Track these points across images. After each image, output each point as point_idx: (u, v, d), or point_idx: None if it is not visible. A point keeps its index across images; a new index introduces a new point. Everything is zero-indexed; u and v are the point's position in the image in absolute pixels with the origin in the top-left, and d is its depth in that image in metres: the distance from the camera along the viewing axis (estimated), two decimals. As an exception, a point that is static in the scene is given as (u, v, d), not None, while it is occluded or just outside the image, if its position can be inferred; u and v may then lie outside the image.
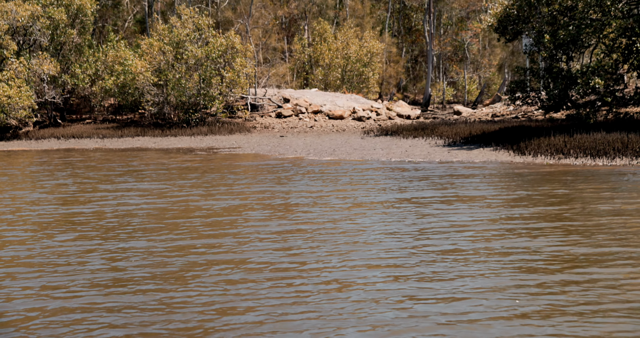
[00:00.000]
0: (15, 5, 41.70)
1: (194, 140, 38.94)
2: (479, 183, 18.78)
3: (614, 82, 27.52)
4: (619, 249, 10.86)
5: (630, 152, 23.67)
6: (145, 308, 8.40)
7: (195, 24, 44.64)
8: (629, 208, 14.43)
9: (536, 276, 9.49)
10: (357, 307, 8.31)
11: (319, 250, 11.18)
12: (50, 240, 12.31)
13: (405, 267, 10.08)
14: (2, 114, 40.07)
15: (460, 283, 9.22)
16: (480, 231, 12.46)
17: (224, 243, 11.80)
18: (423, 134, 35.15)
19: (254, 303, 8.51)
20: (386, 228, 12.96)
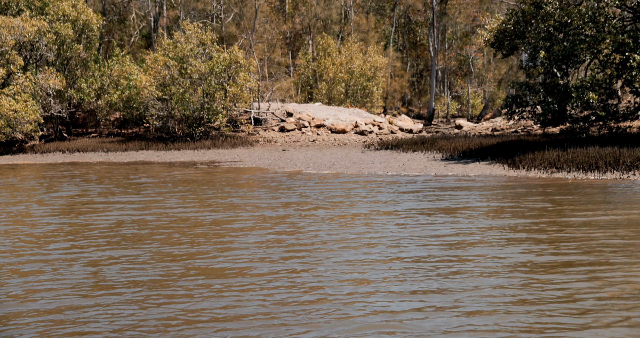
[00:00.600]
0: (22, 21, 42.46)
1: (197, 154, 39.51)
2: (466, 196, 19.25)
3: (607, 97, 27.97)
4: (576, 258, 11.34)
5: (621, 166, 24.09)
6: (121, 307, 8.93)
7: (199, 39, 45.33)
8: (603, 219, 14.92)
9: (492, 279, 9.98)
10: (321, 308, 8.81)
11: (291, 261, 11.68)
12: (40, 248, 12.87)
13: (373, 278, 10.58)
14: (8, 128, 40.72)
15: (411, 285, 9.72)
16: (452, 241, 12.95)
17: (205, 251, 12.32)
18: (422, 148, 35.64)
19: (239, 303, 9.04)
20: (363, 237, 13.45)
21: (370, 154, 35.27)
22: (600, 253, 11.78)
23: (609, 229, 13.87)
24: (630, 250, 12.01)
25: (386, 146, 38.46)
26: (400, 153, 35.28)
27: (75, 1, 46.64)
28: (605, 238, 12.99)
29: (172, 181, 25.31)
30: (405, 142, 38.38)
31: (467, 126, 49.08)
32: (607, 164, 24.41)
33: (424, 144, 36.55)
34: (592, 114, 28.43)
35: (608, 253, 11.72)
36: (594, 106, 27.63)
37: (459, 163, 29.36)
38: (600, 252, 11.82)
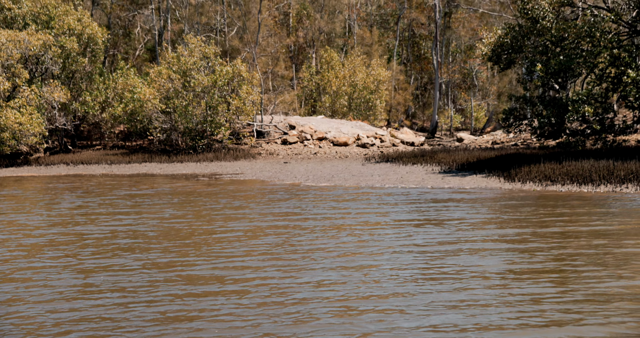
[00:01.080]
0: (27, 35, 43.09)
1: (199, 166, 39.98)
2: (456, 208, 19.69)
3: (603, 111, 28.37)
4: (541, 266, 11.76)
5: (615, 179, 24.45)
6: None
7: (202, 53, 45.91)
8: (581, 229, 15.36)
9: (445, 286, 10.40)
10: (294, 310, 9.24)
11: (269, 269, 12.11)
12: (33, 257, 13.34)
13: (348, 287, 11.01)
14: (13, 140, 41.28)
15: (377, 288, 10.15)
16: (432, 251, 13.40)
17: (188, 260, 12.76)
18: (422, 161, 36.05)
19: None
20: (344, 247, 13.88)
21: (370, 167, 35.68)
22: (567, 261, 12.21)
23: (583, 239, 14.34)
24: (594, 258, 12.46)
25: (386, 159, 38.87)
26: (399, 166, 35.70)
27: (80, 15, 47.29)
28: (576, 247, 13.46)
29: (171, 193, 25.77)
30: (406, 155, 38.79)
31: (468, 139, 49.51)
32: (601, 178, 24.78)
33: (424, 157, 36.95)
34: (587, 127, 28.80)
35: (575, 262, 12.16)
36: (590, 120, 28.02)
37: (456, 175, 29.77)
38: (567, 260, 12.25)
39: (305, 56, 65.88)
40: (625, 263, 12.16)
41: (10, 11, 46.40)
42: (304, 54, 66.06)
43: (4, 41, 41.97)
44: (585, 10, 29.64)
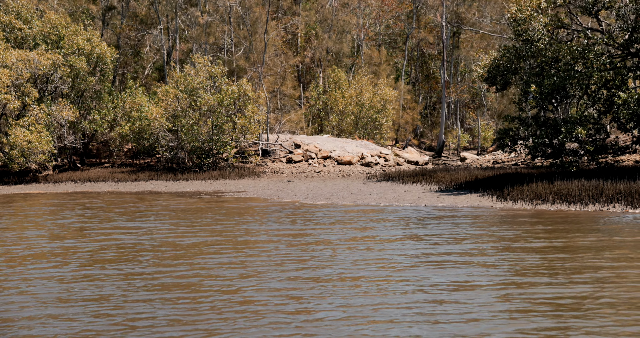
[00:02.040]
0: (37, 55, 44.29)
1: (204, 184, 40.87)
2: (440, 225, 20.53)
3: (595, 132, 29.11)
4: (491, 279, 12.59)
5: (603, 198, 25.17)
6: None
7: (209, 72, 46.97)
8: (547, 245, 16.21)
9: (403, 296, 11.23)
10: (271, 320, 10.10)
11: (241, 279, 13.00)
12: (24, 267, 14.30)
13: (302, 294, 11.87)
14: (22, 158, 42.35)
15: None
16: (394, 262, 14.31)
17: (170, 270, 13.68)
18: (422, 180, 36.80)
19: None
20: (317, 259, 14.76)
21: (371, 186, 36.47)
22: (525, 274, 13.06)
23: (549, 254, 15.40)
24: (550, 270, 13.44)
25: (387, 178, 39.65)
26: (399, 185, 36.47)
27: (90, 35, 48.49)
28: (538, 260, 14.53)
29: (171, 209, 26.69)
30: (407, 174, 39.56)
31: (471, 158, 50.27)
32: (590, 197, 25.50)
33: (424, 176, 37.71)
34: (580, 148, 29.54)
35: (529, 274, 13.03)
36: (583, 141, 28.76)
37: (452, 194, 30.53)
38: (526, 273, 13.10)
39: (313, 75, 66.92)
40: (569, 273, 13.01)
41: (21, 31, 47.67)
42: (312, 73, 67.12)
43: (14, 61, 43.16)
44: (580, 32, 30.45)
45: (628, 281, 12.79)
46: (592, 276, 13.17)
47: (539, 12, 29.67)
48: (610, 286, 12.34)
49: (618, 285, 12.41)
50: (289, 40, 65.27)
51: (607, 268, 13.87)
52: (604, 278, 13.00)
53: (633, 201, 24.51)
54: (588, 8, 29.14)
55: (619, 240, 17.27)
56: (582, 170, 31.50)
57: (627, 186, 25.75)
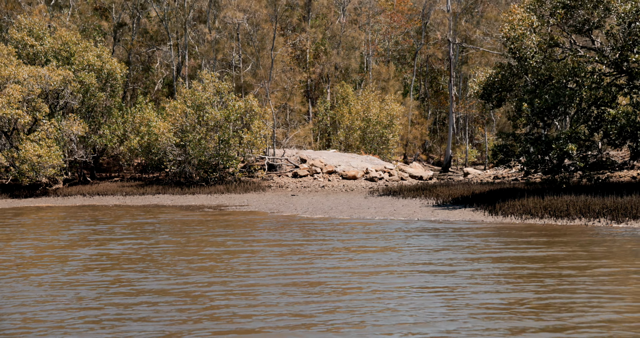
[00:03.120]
0: (48, 71, 45.64)
1: (209, 198, 41.96)
2: (421, 237, 21.67)
3: (586, 149, 29.99)
4: (438, 285, 13.61)
5: (590, 213, 26.05)
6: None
7: (216, 88, 48.17)
8: (522, 255, 17.23)
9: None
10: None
11: (211, 286, 14.06)
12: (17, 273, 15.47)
13: (270, 302, 12.93)
14: (32, 172, 43.61)
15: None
16: (360, 272, 15.32)
17: (148, 276, 14.78)
18: (421, 195, 37.73)
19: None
20: (290, 268, 15.83)
21: (371, 200, 37.42)
22: (484, 280, 14.10)
23: (510, 263, 16.71)
24: (499, 278, 14.48)
25: (388, 193, 40.57)
26: (399, 199, 37.41)
27: (100, 51, 49.83)
28: (493, 268, 15.62)
29: (170, 222, 27.82)
30: (408, 189, 40.48)
31: (473, 173, 51.17)
32: (577, 212, 26.37)
33: (424, 190, 38.64)
34: (571, 164, 30.42)
35: (477, 280, 14.06)
36: (574, 157, 29.64)
37: (447, 209, 31.46)
38: (482, 280, 14.14)
39: (321, 91, 68.08)
40: (517, 280, 14.04)
41: (32, 48, 49.08)
42: (321, 88, 68.27)
43: (25, 77, 44.54)
44: (572, 51, 31.38)
45: (572, 288, 13.76)
46: (538, 283, 14.27)
47: (532, 30, 30.62)
48: (553, 292, 13.41)
49: (561, 291, 13.43)
50: (297, 56, 66.47)
51: (555, 277, 15.06)
52: (548, 285, 14.22)
53: (618, 216, 25.38)
54: (578, 27, 30.10)
55: (582, 252, 18.29)
56: (576, 186, 32.35)
57: (614, 201, 26.61)
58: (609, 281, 14.51)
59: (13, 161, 43.89)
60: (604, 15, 29.52)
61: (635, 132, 28.53)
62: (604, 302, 12.68)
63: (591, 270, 15.88)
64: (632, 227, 23.99)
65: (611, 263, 16.76)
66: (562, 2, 29.87)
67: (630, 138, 28.92)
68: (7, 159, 43.85)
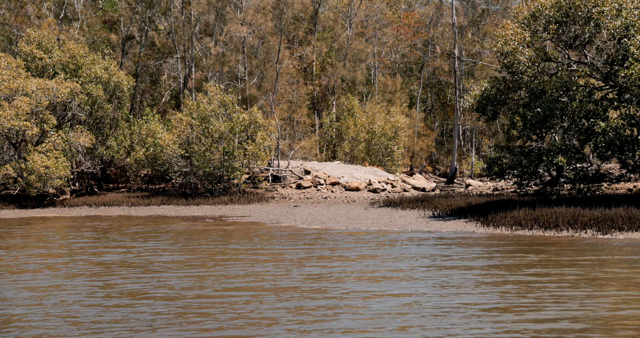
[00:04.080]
0: (56, 83, 46.77)
1: (213, 209, 42.90)
2: (402, 246, 22.58)
3: (576, 161, 30.76)
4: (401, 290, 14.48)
5: (578, 225, 26.81)
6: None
7: (221, 101, 49.18)
8: (485, 264, 18.08)
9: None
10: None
11: (188, 290, 14.99)
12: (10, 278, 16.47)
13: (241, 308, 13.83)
14: (39, 183, 44.64)
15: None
16: (338, 277, 16.20)
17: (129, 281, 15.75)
18: (420, 206, 38.51)
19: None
20: (266, 274, 16.73)
21: (371, 211, 38.25)
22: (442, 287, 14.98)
23: (477, 271, 17.80)
24: (462, 284, 15.43)
25: (389, 204, 41.34)
26: (397, 210, 38.20)
27: (107, 64, 50.95)
28: (461, 276, 16.58)
29: (168, 232, 28.82)
30: (408, 200, 41.23)
31: (475, 185, 51.94)
32: (566, 223, 27.13)
33: (423, 202, 39.42)
34: (561, 176, 31.19)
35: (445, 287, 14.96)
36: (564, 169, 30.41)
37: (442, 220, 32.27)
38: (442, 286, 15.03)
39: (328, 103, 69.01)
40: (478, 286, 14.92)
41: (41, 61, 50.25)
42: (327, 100, 69.21)
43: (34, 89, 45.69)
44: (565, 65, 32.18)
45: (526, 292, 14.64)
46: (496, 289, 15.21)
47: (524, 45, 31.46)
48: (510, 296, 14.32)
49: (517, 296, 14.32)
50: (304, 68, 67.46)
51: (515, 282, 16.16)
52: (506, 291, 15.31)
53: (604, 227, 26.12)
54: (570, 42, 30.92)
55: (555, 260, 19.21)
56: (569, 198, 33.06)
57: (602, 213, 27.35)
58: (559, 287, 15.54)
59: (21, 172, 44.97)
60: (594, 31, 30.30)
61: (623, 145, 29.30)
62: (548, 305, 13.72)
63: (549, 277, 16.91)
64: (616, 238, 24.76)
65: (570, 271, 17.74)
66: (555, 17, 30.70)
67: (619, 151, 29.69)
68: (15, 170, 44.93)
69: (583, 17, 29.97)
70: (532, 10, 31.56)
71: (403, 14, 79.61)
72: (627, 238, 24.70)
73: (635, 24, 29.03)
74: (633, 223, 26.10)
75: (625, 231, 25.84)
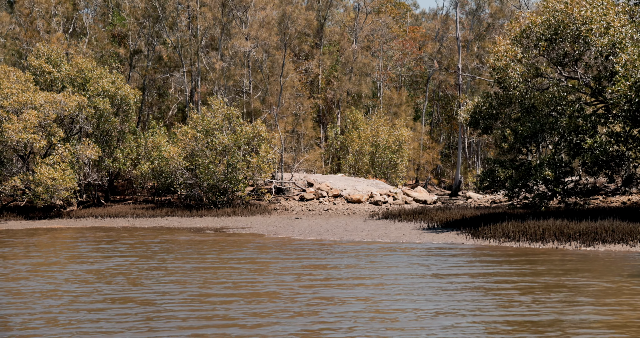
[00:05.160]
0: (63, 97, 48.07)
1: (215, 220, 44.00)
2: (385, 256, 23.77)
3: (563, 175, 31.70)
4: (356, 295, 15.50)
5: (563, 237, 27.76)
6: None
7: (224, 114, 50.36)
8: (456, 272, 19.12)
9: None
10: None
11: (166, 296, 16.09)
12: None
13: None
14: (46, 194, 45.89)
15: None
16: (307, 279, 17.23)
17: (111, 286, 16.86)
18: (417, 218, 39.44)
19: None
20: (254, 282, 17.81)
21: (369, 224, 39.23)
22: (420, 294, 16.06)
23: (442, 279, 18.87)
24: (418, 291, 16.29)
25: (387, 216, 42.29)
26: (394, 223, 39.18)
27: (115, 78, 52.26)
28: (455, 284, 17.37)
29: (164, 242, 29.98)
30: (407, 212, 42.18)
31: (475, 197, 52.89)
32: (551, 235, 28.07)
33: (421, 214, 40.34)
34: (547, 189, 32.14)
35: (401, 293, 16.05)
36: (551, 182, 31.36)
37: (434, 232, 33.23)
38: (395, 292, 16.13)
39: (333, 116, 70.15)
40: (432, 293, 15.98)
41: (50, 74, 51.60)
42: (332, 113, 70.35)
43: (42, 102, 46.99)
44: (556, 80, 33.15)
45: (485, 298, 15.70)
46: (452, 296, 16.21)
47: (516, 61, 32.47)
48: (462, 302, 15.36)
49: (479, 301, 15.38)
50: (310, 81, 68.66)
51: (474, 289, 17.31)
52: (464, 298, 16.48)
53: (587, 239, 27.07)
54: (559, 59, 31.92)
55: (527, 269, 20.24)
56: (560, 211, 33.97)
57: (588, 226, 28.30)
58: (509, 294, 16.77)
59: (28, 183, 46.22)
60: (583, 49, 31.27)
61: (610, 161, 30.25)
62: (488, 308, 14.67)
63: (515, 283, 18.00)
64: (597, 250, 25.72)
65: (539, 279, 18.81)
66: (545, 35, 31.70)
67: (605, 166, 30.64)
68: (23, 182, 46.20)
69: (572, 35, 30.96)
70: (523, 28, 32.58)
71: (409, 28, 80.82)
72: (608, 250, 25.65)
73: (622, 41, 30.02)
74: (616, 236, 27.02)
75: (607, 243, 26.76)
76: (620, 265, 22.02)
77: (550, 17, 31.39)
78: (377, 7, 77.21)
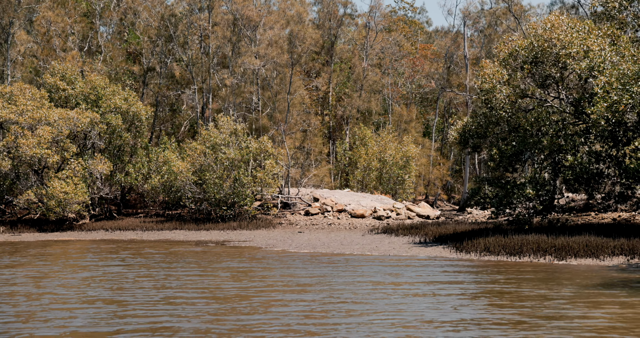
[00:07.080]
0: (76, 113, 50.41)
1: (220, 234, 46.02)
2: (367, 266, 25.63)
3: (546, 193, 33.46)
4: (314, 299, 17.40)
5: (539, 252, 29.55)
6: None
7: (231, 130, 52.51)
8: (425, 279, 21.00)
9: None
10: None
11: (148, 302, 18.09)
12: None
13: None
14: (58, 208, 48.13)
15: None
16: (285, 289, 19.17)
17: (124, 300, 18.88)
18: (412, 233, 41.22)
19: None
20: (242, 289, 19.78)
21: (366, 238, 41.10)
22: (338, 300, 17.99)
23: (415, 287, 20.24)
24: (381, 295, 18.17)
25: (385, 231, 44.09)
26: (390, 237, 41.00)
27: (127, 94, 54.61)
28: (404, 290, 19.22)
29: (162, 254, 32.13)
30: (405, 227, 43.94)
31: (475, 213, 54.59)
32: (529, 250, 29.86)
33: (417, 229, 42.14)
34: (532, 207, 33.91)
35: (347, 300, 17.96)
36: (532, 200, 33.16)
37: (424, 246, 35.08)
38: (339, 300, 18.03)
39: (342, 132, 72.14)
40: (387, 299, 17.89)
41: (64, 92, 54.02)
42: (342, 129, 72.35)
43: (55, 119, 49.35)
44: (541, 100, 34.96)
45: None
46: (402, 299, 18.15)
47: (502, 83, 34.32)
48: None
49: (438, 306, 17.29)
50: (320, 98, 70.76)
51: (427, 295, 18.80)
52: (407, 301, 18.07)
53: (561, 254, 28.86)
54: (541, 82, 33.76)
55: (482, 279, 22.04)
56: (544, 227, 35.68)
57: (564, 241, 30.07)
58: (460, 299, 18.39)
59: (41, 197, 48.49)
60: (562, 72, 33.08)
61: (589, 179, 32.01)
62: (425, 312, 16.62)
63: (464, 290, 19.92)
64: (569, 264, 27.51)
65: (494, 286, 20.56)
66: (529, 58, 33.57)
67: (585, 183, 32.39)
68: (37, 196, 48.49)
69: (551, 59, 32.80)
70: (510, 51, 34.47)
71: (420, 45, 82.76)
72: (580, 264, 27.42)
73: (601, 65, 31.80)
74: (589, 250, 28.79)
75: (580, 257, 28.55)
76: (585, 275, 23.83)
77: (533, 40, 33.26)
78: (388, 25, 79.26)
